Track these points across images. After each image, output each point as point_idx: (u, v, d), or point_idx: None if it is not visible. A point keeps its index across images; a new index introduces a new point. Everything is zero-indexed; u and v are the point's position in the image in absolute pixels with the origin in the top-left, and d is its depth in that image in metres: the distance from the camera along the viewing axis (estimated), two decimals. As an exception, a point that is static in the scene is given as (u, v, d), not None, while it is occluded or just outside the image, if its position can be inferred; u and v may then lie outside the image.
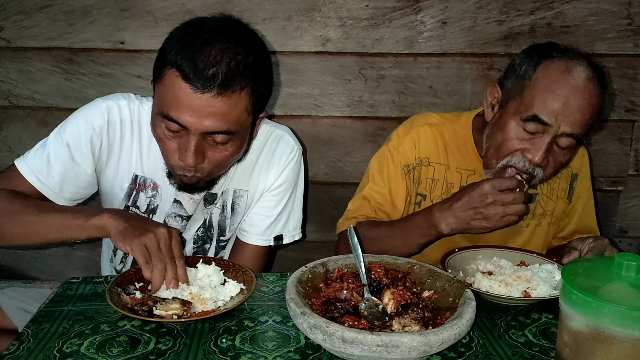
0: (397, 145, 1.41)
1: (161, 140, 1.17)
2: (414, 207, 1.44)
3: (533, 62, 1.26)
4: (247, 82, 1.11)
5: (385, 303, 0.96)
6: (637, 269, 0.79)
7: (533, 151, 1.23)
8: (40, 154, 1.25)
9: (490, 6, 1.74)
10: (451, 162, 1.41)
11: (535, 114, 1.21)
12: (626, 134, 1.88)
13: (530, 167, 1.24)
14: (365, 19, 1.76)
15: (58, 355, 0.91)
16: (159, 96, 1.13)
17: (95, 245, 1.93)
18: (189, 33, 1.12)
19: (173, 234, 1.09)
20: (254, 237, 1.41)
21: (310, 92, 1.83)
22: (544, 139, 1.22)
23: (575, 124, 1.20)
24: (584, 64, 1.22)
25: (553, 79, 1.21)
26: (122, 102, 1.29)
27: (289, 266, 1.93)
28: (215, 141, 1.14)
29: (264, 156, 1.36)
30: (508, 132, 1.26)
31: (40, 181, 1.23)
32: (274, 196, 1.38)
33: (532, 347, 0.97)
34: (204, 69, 1.06)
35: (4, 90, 1.82)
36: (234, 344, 0.94)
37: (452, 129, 1.43)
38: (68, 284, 1.16)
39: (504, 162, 1.27)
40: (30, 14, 1.74)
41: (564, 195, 1.48)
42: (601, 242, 1.25)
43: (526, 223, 1.45)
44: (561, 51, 1.26)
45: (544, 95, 1.21)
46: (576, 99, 1.19)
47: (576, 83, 1.20)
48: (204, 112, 1.08)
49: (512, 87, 1.28)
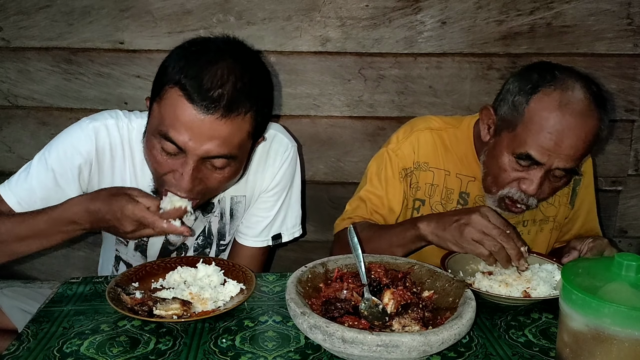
0: (396, 148, 1.41)
1: (154, 161, 1.11)
2: (412, 212, 1.43)
3: (525, 92, 1.22)
4: (252, 105, 1.08)
5: (385, 303, 0.96)
6: (637, 269, 0.79)
7: (527, 183, 1.23)
8: (23, 180, 1.22)
9: (489, 6, 1.74)
10: (451, 168, 1.40)
11: (527, 152, 1.20)
12: (626, 134, 1.88)
13: (525, 198, 1.26)
14: (365, 19, 1.75)
15: (58, 355, 0.90)
16: (157, 115, 1.08)
17: (96, 246, 1.93)
18: (193, 52, 1.08)
19: (137, 207, 1.06)
20: (251, 239, 1.41)
21: (309, 92, 1.83)
22: (537, 172, 1.22)
23: (569, 159, 1.19)
24: (579, 92, 1.18)
25: (545, 116, 1.18)
26: (110, 122, 1.24)
27: (289, 266, 1.93)
28: (214, 165, 1.10)
29: (258, 158, 1.33)
30: (502, 164, 1.26)
31: (22, 207, 1.21)
32: (270, 197, 1.38)
33: (532, 347, 0.97)
34: (209, 89, 1.02)
35: (3, 90, 1.82)
36: (234, 344, 0.94)
37: (454, 134, 1.41)
38: (68, 284, 1.16)
39: (502, 193, 1.28)
40: (30, 14, 1.74)
41: (566, 200, 1.46)
42: (601, 242, 1.25)
43: (527, 229, 1.44)
44: (556, 77, 1.21)
45: (536, 135, 1.19)
46: (569, 136, 1.17)
47: (569, 120, 1.17)
48: (205, 135, 1.04)
49: (506, 117, 1.26)
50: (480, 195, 1.40)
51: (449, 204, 1.41)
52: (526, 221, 1.43)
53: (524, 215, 1.41)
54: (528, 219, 1.43)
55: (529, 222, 1.44)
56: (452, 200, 1.41)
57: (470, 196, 1.41)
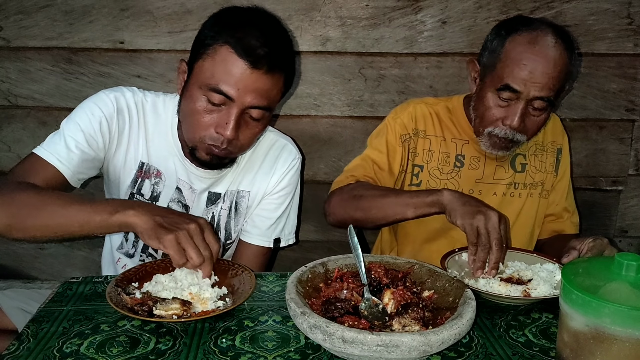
0: (396, 117, 1.53)
1: (198, 113, 1.21)
2: (411, 177, 1.51)
3: (501, 37, 1.38)
4: (287, 66, 1.24)
5: (385, 303, 0.96)
6: (637, 268, 0.78)
7: (510, 117, 1.36)
8: (58, 140, 1.26)
9: (490, 6, 1.74)
10: (446, 134, 1.52)
11: (506, 83, 1.33)
12: (626, 133, 1.88)
13: (510, 133, 1.37)
14: (365, 18, 1.75)
15: (58, 355, 0.90)
16: (205, 69, 1.19)
17: (95, 245, 1.93)
18: (235, 14, 1.22)
19: (204, 226, 1.09)
20: (256, 237, 1.44)
21: (310, 91, 1.83)
22: (518, 104, 1.34)
23: (544, 87, 1.32)
24: (548, 33, 1.33)
25: (519, 50, 1.33)
26: (128, 93, 1.34)
27: (289, 266, 1.94)
28: (252, 116, 1.22)
29: (267, 161, 1.43)
30: (487, 102, 1.39)
31: (62, 163, 1.23)
32: (275, 199, 1.44)
33: (532, 347, 0.97)
34: (257, 48, 1.16)
35: (3, 90, 1.82)
36: (234, 344, 0.94)
37: (445, 107, 1.55)
38: (68, 283, 1.16)
39: (488, 130, 1.40)
40: (30, 13, 1.74)
41: (552, 168, 1.57)
42: (601, 242, 1.25)
43: (518, 192, 1.54)
44: (527, 24, 1.36)
45: (512, 66, 1.33)
46: (541, 65, 1.31)
47: (540, 51, 1.31)
48: (251, 87, 1.17)
49: (487, 62, 1.41)
50: (475, 156, 1.51)
51: (446, 167, 1.51)
52: (517, 184, 1.54)
53: (515, 177, 1.52)
54: (519, 181, 1.54)
55: (519, 184, 1.54)
56: (449, 163, 1.52)
57: (465, 157, 1.52)
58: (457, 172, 1.51)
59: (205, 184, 1.38)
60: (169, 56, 1.77)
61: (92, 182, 1.55)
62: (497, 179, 1.52)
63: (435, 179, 1.50)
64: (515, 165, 1.53)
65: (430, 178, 1.51)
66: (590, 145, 1.89)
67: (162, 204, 1.38)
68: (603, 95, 1.84)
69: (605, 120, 1.87)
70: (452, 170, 1.51)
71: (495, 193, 1.52)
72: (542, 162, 1.56)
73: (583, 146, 1.89)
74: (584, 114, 1.86)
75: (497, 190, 1.52)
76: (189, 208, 1.40)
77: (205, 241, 1.08)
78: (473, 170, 1.51)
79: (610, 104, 1.85)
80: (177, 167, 1.36)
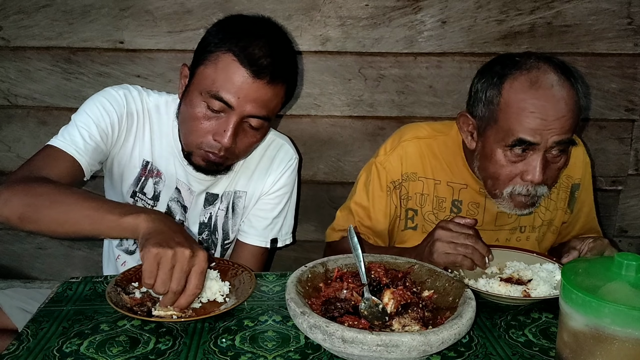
0: (384, 161, 1.41)
1: (196, 119, 1.21)
2: (406, 221, 1.43)
3: (494, 85, 1.23)
4: (289, 77, 1.24)
5: (385, 303, 0.96)
6: (637, 268, 0.78)
7: (531, 172, 1.21)
8: (72, 132, 1.25)
9: (490, 5, 1.74)
10: (441, 177, 1.39)
11: (519, 137, 1.19)
12: (626, 133, 1.88)
13: (533, 189, 1.23)
14: (365, 18, 1.75)
15: (58, 355, 0.90)
16: (206, 76, 1.19)
17: (95, 245, 1.93)
18: (240, 23, 1.22)
19: (197, 260, 0.96)
20: (253, 237, 1.45)
21: (309, 91, 1.83)
22: (535, 156, 1.20)
23: (561, 131, 1.18)
24: (547, 70, 1.20)
25: (521, 97, 1.19)
26: (134, 91, 1.35)
27: (289, 266, 1.94)
28: (251, 125, 1.22)
29: (264, 161, 1.43)
30: (498, 161, 1.24)
31: (80, 154, 1.23)
32: (272, 199, 1.44)
33: (532, 347, 0.97)
34: (260, 58, 1.16)
35: (3, 89, 1.81)
36: (233, 344, 0.94)
37: (443, 142, 1.40)
38: (68, 283, 1.16)
39: (508, 191, 1.25)
40: (30, 13, 1.74)
41: (564, 205, 1.45)
42: (601, 242, 1.25)
43: (525, 236, 1.43)
44: (517, 63, 1.22)
45: (520, 118, 1.18)
46: (552, 109, 1.17)
47: (546, 93, 1.17)
48: (252, 96, 1.17)
49: (485, 115, 1.26)
50: (473, 202, 1.39)
51: (442, 213, 1.40)
52: (523, 227, 1.42)
53: (520, 221, 1.41)
54: (525, 224, 1.42)
55: (526, 228, 1.43)
56: (444, 209, 1.40)
57: (463, 203, 1.40)
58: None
59: (203, 186, 1.39)
60: (169, 56, 1.77)
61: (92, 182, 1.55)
62: (499, 225, 1.40)
63: (430, 224, 1.37)
64: None
65: (426, 222, 1.40)
66: (590, 145, 1.89)
67: (162, 203, 1.39)
68: (603, 95, 1.84)
69: (605, 120, 1.87)
70: (448, 217, 1.38)
71: (497, 239, 1.40)
72: (551, 199, 1.42)
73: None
74: (583, 114, 1.86)
75: (499, 237, 1.41)
76: (187, 208, 1.40)
77: (188, 274, 0.96)
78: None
79: (610, 104, 1.85)
80: (176, 169, 1.36)
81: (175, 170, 1.36)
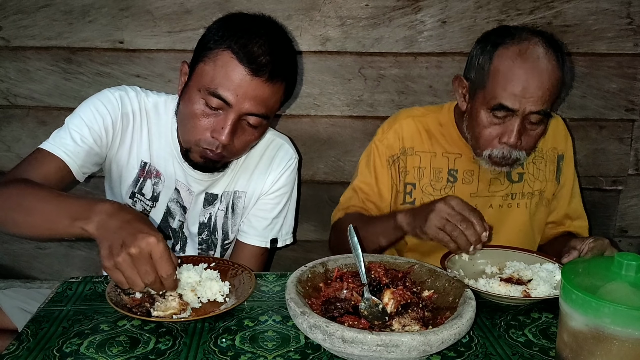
0: (382, 138, 1.50)
1: (195, 116, 1.20)
2: (404, 195, 1.49)
3: (487, 52, 1.33)
4: (288, 75, 1.23)
5: (385, 303, 0.96)
6: (637, 268, 0.78)
7: (507, 134, 1.31)
8: (63, 135, 1.26)
9: (490, 5, 1.74)
10: (437, 149, 1.48)
11: (499, 102, 1.29)
12: (626, 133, 1.88)
13: (508, 152, 1.33)
14: (365, 18, 1.75)
15: (58, 355, 0.90)
16: (206, 73, 1.19)
17: (95, 245, 1.91)
18: (240, 21, 1.22)
19: (151, 247, 0.94)
20: (253, 237, 1.44)
21: (309, 91, 1.83)
22: (513, 121, 1.30)
23: (539, 101, 1.27)
24: (536, 43, 1.28)
25: (508, 65, 1.28)
26: (131, 93, 1.35)
27: (289, 266, 1.93)
28: (249, 123, 1.22)
29: (264, 161, 1.42)
30: (481, 122, 1.34)
31: (69, 156, 1.23)
32: (271, 199, 1.44)
33: (532, 347, 0.97)
34: (259, 56, 1.16)
35: (2, 89, 1.81)
36: (233, 344, 0.94)
37: (435, 118, 1.50)
38: (67, 283, 1.16)
39: (487, 153, 1.35)
40: (29, 13, 1.74)
41: (552, 177, 1.53)
42: (601, 242, 1.25)
43: (516, 202, 1.50)
44: (512, 35, 1.31)
45: (504, 83, 1.28)
46: (534, 79, 1.26)
47: (530, 64, 1.27)
48: (250, 94, 1.17)
49: (475, 79, 1.36)
50: (468, 170, 1.47)
51: (439, 183, 1.47)
52: (515, 194, 1.50)
53: (512, 188, 1.49)
54: (517, 192, 1.50)
55: (517, 195, 1.50)
56: (441, 179, 1.48)
57: (458, 172, 1.48)
58: (450, 188, 1.47)
59: (202, 186, 1.38)
60: (169, 56, 1.77)
61: (92, 182, 1.55)
62: (492, 192, 1.48)
63: (428, 196, 1.46)
64: (512, 176, 1.49)
65: (424, 195, 1.47)
66: (590, 145, 1.89)
67: (161, 204, 1.39)
68: (603, 95, 1.84)
69: (605, 120, 1.87)
70: (445, 186, 1.47)
71: (491, 205, 1.48)
72: (539, 169, 1.51)
73: (583, 146, 1.89)
74: (583, 114, 1.86)
75: (493, 203, 1.48)
76: (186, 209, 1.40)
77: (155, 264, 0.95)
78: (467, 185, 1.47)
79: (610, 104, 1.85)
80: (175, 169, 1.36)
81: (174, 170, 1.36)
